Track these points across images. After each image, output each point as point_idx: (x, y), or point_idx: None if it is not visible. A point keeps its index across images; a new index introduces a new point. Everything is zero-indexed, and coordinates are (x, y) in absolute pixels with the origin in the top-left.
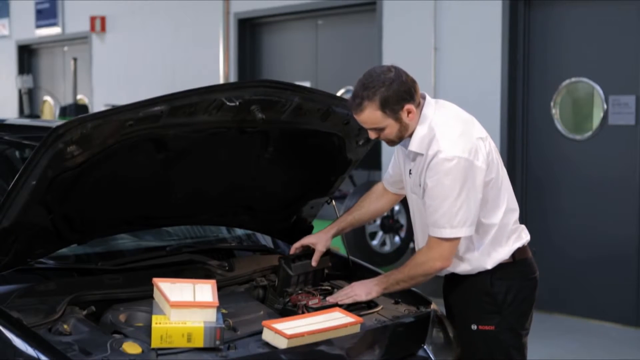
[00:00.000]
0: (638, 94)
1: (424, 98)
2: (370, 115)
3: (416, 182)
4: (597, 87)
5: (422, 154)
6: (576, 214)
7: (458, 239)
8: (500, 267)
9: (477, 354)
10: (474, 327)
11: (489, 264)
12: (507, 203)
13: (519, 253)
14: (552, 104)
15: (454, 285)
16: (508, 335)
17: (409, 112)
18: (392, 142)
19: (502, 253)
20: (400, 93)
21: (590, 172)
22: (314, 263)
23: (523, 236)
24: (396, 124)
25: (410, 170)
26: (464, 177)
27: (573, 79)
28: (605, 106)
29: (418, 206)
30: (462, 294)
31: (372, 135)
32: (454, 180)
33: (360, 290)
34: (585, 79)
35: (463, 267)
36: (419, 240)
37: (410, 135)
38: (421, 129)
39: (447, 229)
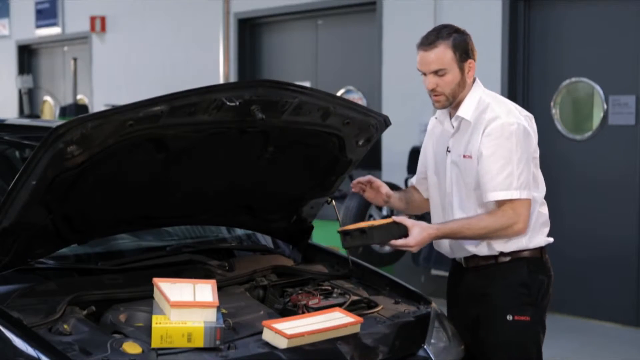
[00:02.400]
0: (638, 94)
1: (475, 77)
2: (440, 54)
3: (459, 153)
4: (597, 87)
5: (469, 122)
6: (576, 214)
7: (526, 201)
8: (534, 260)
9: (511, 344)
10: (509, 317)
11: (531, 246)
12: (543, 190)
13: (544, 250)
14: (552, 104)
15: (487, 275)
16: (539, 328)
17: (469, 69)
18: (443, 100)
19: (538, 240)
20: (469, 46)
21: (590, 172)
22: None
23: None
24: (458, 74)
25: (448, 147)
26: (523, 142)
27: (573, 79)
28: (605, 106)
29: (458, 180)
30: (499, 284)
31: (431, 82)
32: (516, 144)
33: (415, 248)
34: (585, 79)
35: (508, 246)
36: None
37: (457, 106)
38: (472, 98)
39: (512, 190)
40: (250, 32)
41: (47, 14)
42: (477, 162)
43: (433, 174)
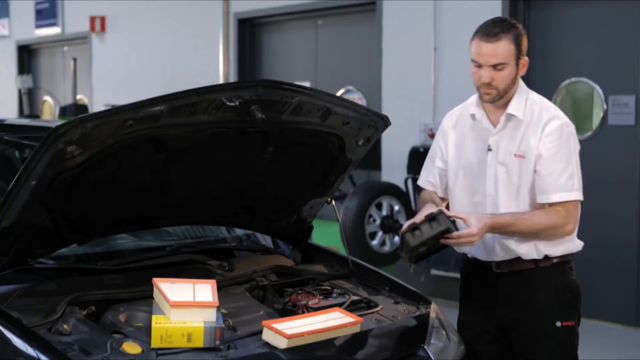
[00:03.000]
0: (638, 94)
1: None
2: (504, 47)
3: (508, 151)
4: (597, 87)
5: (520, 120)
6: None
7: (578, 202)
8: (571, 264)
9: (560, 350)
10: (558, 324)
11: (574, 250)
12: None
13: (572, 254)
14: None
15: (529, 280)
16: (577, 331)
17: (523, 66)
18: (494, 94)
19: (577, 243)
20: (525, 42)
21: (590, 172)
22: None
23: None
24: (515, 69)
25: (489, 146)
26: (576, 144)
27: (573, 79)
28: (605, 106)
29: (504, 179)
30: (546, 289)
31: (488, 75)
32: (574, 145)
33: (478, 237)
34: (585, 79)
35: (556, 250)
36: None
37: (505, 104)
38: (520, 95)
39: (574, 191)
40: (250, 32)
41: (46, 14)
42: (534, 162)
43: (462, 173)
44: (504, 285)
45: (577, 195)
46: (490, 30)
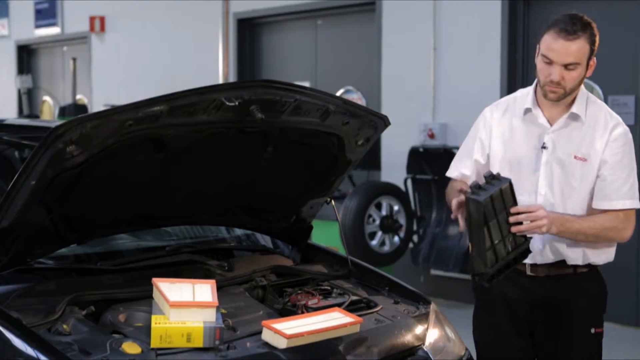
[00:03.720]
0: (637, 94)
1: None
2: (581, 46)
3: (568, 152)
4: (597, 87)
5: (582, 121)
6: None
7: (634, 210)
8: (601, 271)
9: (591, 357)
10: (592, 330)
11: (613, 258)
12: None
13: None
14: None
15: (565, 285)
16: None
17: (591, 66)
18: (560, 93)
19: (613, 252)
20: (597, 43)
21: None
22: None
23: None
24: (584, 70)
25: (544, 144)
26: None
27: None
28: None
29: (560, 180)
30: (583, 297)
31: (558, 74)
32: (634, 152)
33: (550, 223)
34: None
35: (600, 257)
36: None
37: (570, 103)
38: (582, 95)
39: (635, 199)
40: (249, 32)
41: (46, 14)
42: (597, 167)
43: (508, 168)
44: (541, 288)
45: (637, 203)
46: (569, 26)
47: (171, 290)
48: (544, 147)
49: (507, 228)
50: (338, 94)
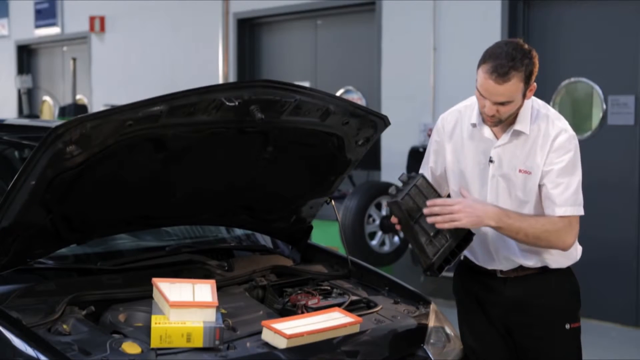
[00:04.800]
0: (637, 94)
1: None
2: (512, 87)
3: (513, 166)
4: (597, 87)
5: (527, 135)
6: None
7: (579, 217)
8: (572, 268)
9: (572, 352)
10: (567, 326)
11: (578, 258)
12: None
13: None
14: (551, 104)
15: (536, 284)
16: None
17: (530, 91)
18: (496, 121)
19: (580, 251)
20: (535, 68)
21: (589, 172)
22: None
23: None
24: (520, 100)
25: (491, 158)
26: (579, 155)
27: (572, 79)
28: (604, 106)
29: (504, 193)
30: (554, 294)
31: (491, 109)
32: (578, 157)
33: (468, 216)
34: (584, 79)
35: (562, 262)
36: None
37: (514, 120)
38: (526, 109)
39: (578, 206)
40: (249, 32)
41: (46, 14)
42: (539, 178)
43: (460, 179)
44: (511, 289)
45: (580, 210)
46: (500, 68)
47: (171, 290)
48: (491, 161)
49: None
50: (338, 94)
